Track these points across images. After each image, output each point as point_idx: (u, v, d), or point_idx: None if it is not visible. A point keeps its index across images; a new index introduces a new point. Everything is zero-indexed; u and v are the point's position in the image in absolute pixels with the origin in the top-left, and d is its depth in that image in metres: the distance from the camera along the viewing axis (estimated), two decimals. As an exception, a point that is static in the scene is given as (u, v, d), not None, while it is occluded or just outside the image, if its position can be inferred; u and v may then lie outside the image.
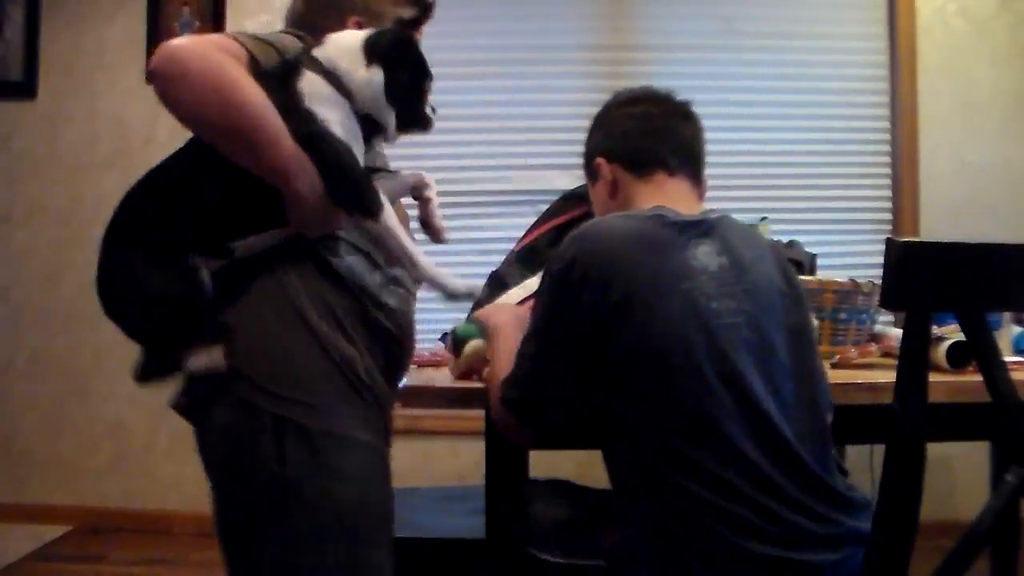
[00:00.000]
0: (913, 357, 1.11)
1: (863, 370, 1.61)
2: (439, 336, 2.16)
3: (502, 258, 2.59)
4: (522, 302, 2.28)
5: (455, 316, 2.00)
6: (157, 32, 3.31)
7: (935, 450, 1.13)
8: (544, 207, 2.63)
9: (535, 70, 3.29)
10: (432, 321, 3.09)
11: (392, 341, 1.33)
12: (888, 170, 3.27)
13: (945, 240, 1.08)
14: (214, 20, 3.31)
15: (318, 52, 1.21)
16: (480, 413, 1.49)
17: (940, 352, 1.56)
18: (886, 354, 1.72)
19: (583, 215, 2.54)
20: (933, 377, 1.13)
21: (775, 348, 1.26)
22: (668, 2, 3.32)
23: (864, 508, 1.24)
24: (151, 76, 1.10)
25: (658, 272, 1.23)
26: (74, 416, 3.31)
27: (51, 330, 3.26)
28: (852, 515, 1.22)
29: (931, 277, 1.08)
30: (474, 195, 3.30)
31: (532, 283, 2.35)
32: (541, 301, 1.29)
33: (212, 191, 1.17)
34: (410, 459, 3.08)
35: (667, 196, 1.38)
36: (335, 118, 1.16)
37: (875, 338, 1.78)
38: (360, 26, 1.40)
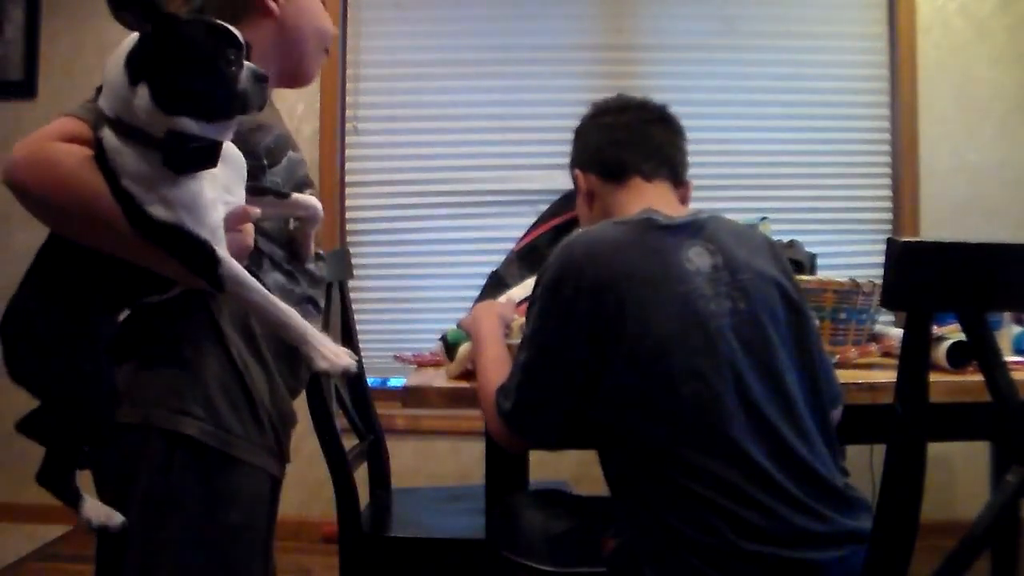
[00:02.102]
0: (913, 357, 1.11)
1: (863, 370, 1.61)
2: (439, 336, 2.15)
3: (502, 258, 2.59)
4: (522, 302, 2.27)
5: (454, 317, 2.00)
6: (157, 32, 3.31)
7: (935, 450, 1.13)
8: (544, 207, 2.63)
9: (535, 70, 3.29)
10: (433, 321, 3.10)
11: (300, 365, 1.31)
12: (888, 170, 3.27)
13: (945, 240, 1.08)
14: None
15: (103, 102, 1.06)
16: (480, 413, 1.49)
17: (940, 352, 1.56)
18: (886, 354, 1.72)
19: (583, 215, 2.55)
20: (933, 377, 1.13)
21: (775, 345, 1.26)
22: (668, 2, 3.31)
23: (863, 508, 1.24)
24: None
25: (653, 277, 1.24)
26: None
27: (51, 330, 3.25)
28: (852, 514, 1.22)
29: (931, 277, 1.08)
30: (474, 195, 3.29)
31: (532, 283, 2.36)
32: (534, 311, 1.29)
33: (95, 261, 1.11)
34: (410, 459, 3.09)
35: (646, 200, 1.38)
36: (157, 186, 1.03)
37: (875, 338, 1.78)
38: (278, 3, 1.33)
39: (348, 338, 2.28)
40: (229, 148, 1.11)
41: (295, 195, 1.23)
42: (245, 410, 1.21)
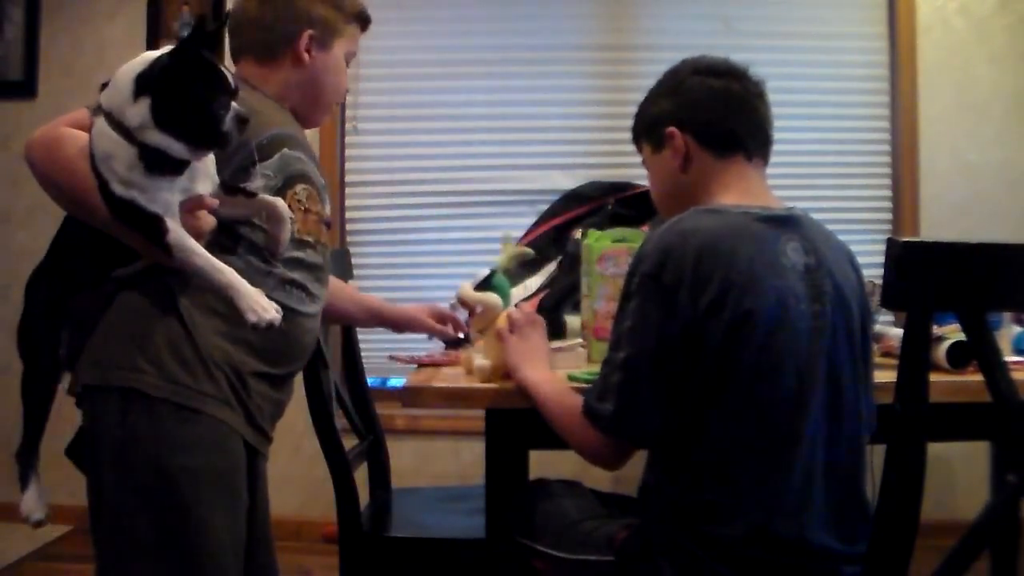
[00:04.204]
0: (913, 357, 1.11)
1: (863, 370, 1.61)
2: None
3: (502, 258, 2.58)
4: (519, 303, 2.27)
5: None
6: (157, 32, 3.31)
7: (935, 450, 1.13)
8: (544, 207, 2.64)
9: (535, 70, 3.29)
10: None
11: (278, 340, 1.40)
12: (888, 170, 3.27)
13: (945, 240, 1.08)
14: (214, 21, 3.31)
15: (103, 96, 1.25)
16: (480, 413, 1.49)
17: (940, 352, 1.55)
18: (886, 354, 1.72)
19: (583, 215, 2.55)
20: (933, 377, 1.13)
21: (843, 358, 1.24)
22: (668, 2, 3.31)
23: None
24: None
25: (752, 266, 1.20)
26: (74, 416, 3.29)
27: (51, 330, 3.25)
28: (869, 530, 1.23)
29: (931, 277, 1.08)
30: (474, 195, 3.29)
31: (532, 283, 2.36)
32: (630, 306, 1.23)
33: (90, 236, 1.31)
34: (410, 459, 3.08)
35: (747, 183, 1.34)
36: (119, 168, 1.22)
37: (875, 338, 1.78)
38: (312, 39, 1.50)
39: (348, 338, 2.28)
40: None
41: (261, 196, 1.36)
42: (197, 366, 1.31)
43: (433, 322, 1.91)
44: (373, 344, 2.93)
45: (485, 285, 1.58)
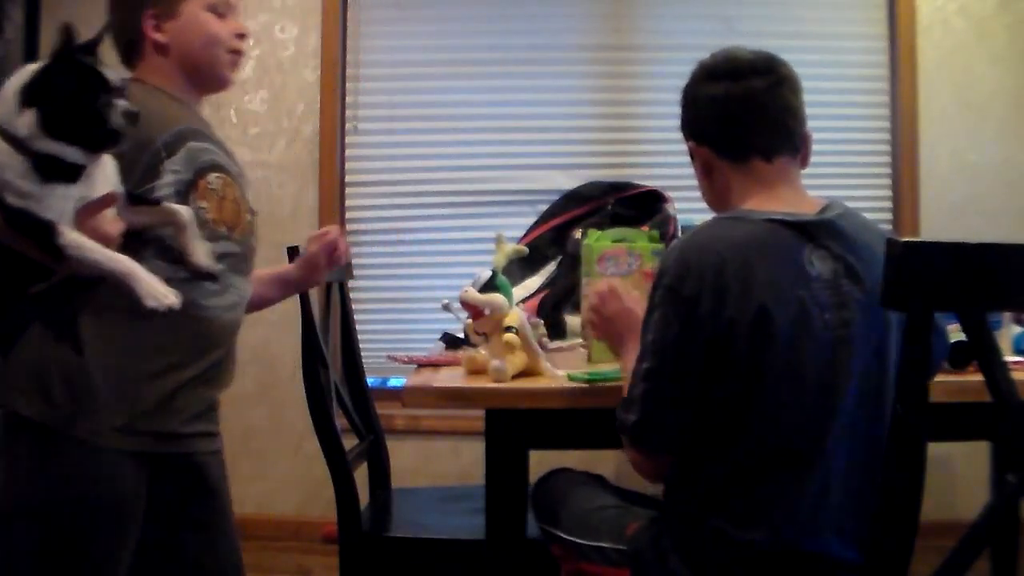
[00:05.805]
0: (913, 357, 1.11)
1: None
2: (439, 336, 2.16)
3: (502, 258, 2.57)
4: (521, 302, 2.27)
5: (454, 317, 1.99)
6: (157, 32, 3.31)
7: (935, 450, 1.13)
8: (544, 207, 2.64)
9: (535, 70, 3.29)
10: (432, 321, 3.09)
11: (198, 342, 1.40)
12: (888, 170, 3.27)
13: (945, 240, 1.08)
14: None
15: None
16: (480, 413, 1.49)
17: (940, 352, 1.55)
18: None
19: (583, 215, 2.55)
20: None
21: (875, 366, 1.23)
22: (668, 2, 3.31)
23: None
24: None
25: (774, 276, 1.19)
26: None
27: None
28: None
29: (931, 277, 1.08)
30: (474, 195, 3.29)
31: (532, 283, 2.36)
32: (653, 318, 1.23)
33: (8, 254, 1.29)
34: (410, 459, 3.08)
35: (770, 186, 1.31)
36: (11, 178, 1.22)
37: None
38: (156, 19, 1.47)
39: (348, 338, 2.28)
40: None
41: (164, 204, 1.37)
42: (85, 393, 1.29)
43: (315, 247, 1.74)
44: (373, 344, 2.93)
45: (489, 287, 1.58)
